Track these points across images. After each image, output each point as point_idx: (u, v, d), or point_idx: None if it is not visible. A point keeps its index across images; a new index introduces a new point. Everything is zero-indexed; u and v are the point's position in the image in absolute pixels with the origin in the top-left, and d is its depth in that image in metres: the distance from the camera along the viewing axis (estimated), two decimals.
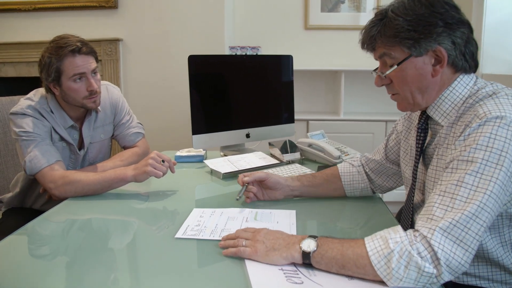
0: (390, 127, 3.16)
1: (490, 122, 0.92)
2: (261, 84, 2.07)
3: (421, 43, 1.00)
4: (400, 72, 1.05)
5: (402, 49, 1.02)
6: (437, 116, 1.08)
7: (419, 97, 1.07)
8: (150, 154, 1.46)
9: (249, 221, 1.22)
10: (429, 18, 0.99)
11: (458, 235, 0.85)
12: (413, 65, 1.03)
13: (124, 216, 1.33)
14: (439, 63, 1.02)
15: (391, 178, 1.40)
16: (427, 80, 1.04)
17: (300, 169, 1.75)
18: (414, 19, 1.00)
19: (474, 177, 0.88)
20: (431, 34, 1.00)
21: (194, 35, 3.17)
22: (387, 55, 1.05)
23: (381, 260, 0.85)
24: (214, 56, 2.15)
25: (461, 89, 1.05)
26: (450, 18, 1.00)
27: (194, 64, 1.80)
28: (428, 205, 0.92)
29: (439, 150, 1.06)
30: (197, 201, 1.48)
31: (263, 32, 3.48)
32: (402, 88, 1.07)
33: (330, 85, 3.55)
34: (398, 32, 1.01)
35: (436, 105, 1.07)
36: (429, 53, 1.02)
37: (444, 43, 1.01)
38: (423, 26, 0.99)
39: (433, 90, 1.06)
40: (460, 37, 1.01)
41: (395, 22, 1.01)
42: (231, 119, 1.98)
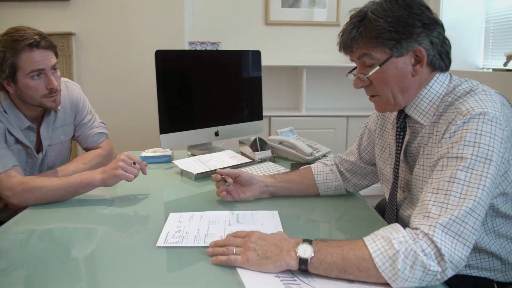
0: (352, 122, 3.25)
1: (474, 119, 0.93)
2: (230, 80, 2.00)
3: (402, 43, 1.01)
4: (382, 73, 1.05)
5: (383, 49, 1.03)
6: (416, 114, 1.08)
7: (400, 97, 1.07)
8: (119, 156, 1.36)
9: (232, 224, 1.16)
10: (408, 19, 1.01)
11: (457, 231, 0.85)
12: (394, 66, 1.04)
13: (91, 223, 1.23)
14: (419, 63, 1.04)
15: (366, 177, 1.40)
16: (408, 80, 1.05)
17: (273, 167, 1.71)
18: (394, 20, 1.00)
19: (465, 173, 0.89)
20: (411, 35, 1.01)
21: (152, 30, 3.06)
22: (368, 56, 1.05)
23: (386, 261, 0.82)
24: (183, 51, 2.06)
25: (438, 87, 1.06)
26: (426, 19, 1.02)
27: (161, 60, 1.71)
28: (422, 203, 0.91)
29: (425, 150, 1.07)
30: (169, 204, 1.41)
31: (223, 28, 3.40)
32: (383, 88, 1.07)
33: (292, 81, 3.53)
34: (380, 33, 1.01)
35: (414, 104, 1.08)
36: (409, 53, 1.03)
37: (423, 43, 1.02)
38: (403, 27, 1.00)
39: (412, 90, 1.07)
40: (437, 37, 1.04)
41: (376, 23, 1.01)
42: (200, 117, 1.90)
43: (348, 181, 1.41)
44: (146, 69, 3.08)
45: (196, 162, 1.70)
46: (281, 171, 1.67)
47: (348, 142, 3.29)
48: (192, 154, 1.93)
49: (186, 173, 1.64)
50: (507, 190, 1.01)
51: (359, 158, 1.37)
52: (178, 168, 1.68)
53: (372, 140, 1.34)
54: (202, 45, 3.17)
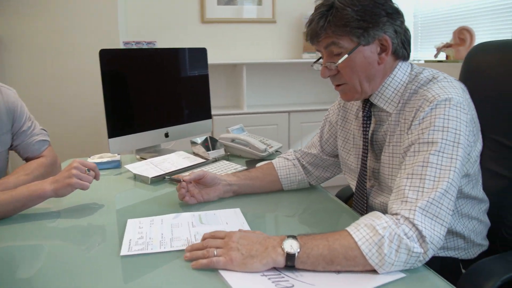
0: (293, 117, 3.29)
1: (440, 105, 0.97)
2: (177, 79, 1.94)
3: (369, 32, 1.03)
4: (350, 62, 1.06)
5: (351, 38, 1.04)
6: (382, 103, 1.11)
7: (366, 85, 1.09)
8: (71, 163, 1.26)
9: (196, 225, 1.12)
10: (374, 9, 1.03)
11: (434, 212, 0.88)
12: (362, 54, 1.06)
13: (40, 239, 1.11)
14: (384, 51, 1.07)
15: (329, 168, 1.42)
16: (374, 68, 1.08)
17: (229, 166, 1.69)
18: (361, 9, 1.02)
19: (437, 157, 0.92)
20: (377, 24, 1.03)
21: (85, 30, 2.90)
22: (335, 45, 1.06)
23: (372, 248, 0.83)
24: (128, 50, 1.97)
25: (402, 76, 1.10)
26: (390, 9, 1.05)
27: (106, 59, 1.61)
28: (398, 189, 0.93)
29: (392, 137, 1.09)
30: (125, 210, 1.32)
31: (158, 26, 3.30)
32: (351, 77, 1.08)
33: (231, 79, 3.51)
34: (348, 22, 1.02)
35: (379, 93, 1.11)
36: (375, 42, 1.05)
37: (388, 32, 1.05)
38: (370, 16, 1.03)
39: (378, 78, 1.09)
40: (399, 26, 1.07)
41: (344, 12, 1.02)
42: (149, 119, 1.83)
43: (311, 174, 1.41)
44: (82, 71, 2.92)
45: (149, 166, 1.63)
46: (237, 169, 1.65)
47: (290, 137, 3.33)
48: (141, 158, 1.85)
49: (140, 177, 1.56)
50: (470, 171, 1.07)
51: (321, 150, 1.38)
52: (130, 173, 1.60)
53: (333, 132, 1.35)
54: (137, 45, 3.05)
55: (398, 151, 1.07)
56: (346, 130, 1.29)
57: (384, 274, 0.84)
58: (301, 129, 3.35)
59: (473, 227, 1.14)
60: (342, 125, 1.30)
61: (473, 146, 1.06)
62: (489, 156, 1.29)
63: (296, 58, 3.60)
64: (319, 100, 3.70)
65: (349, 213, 1.25)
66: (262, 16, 3.48)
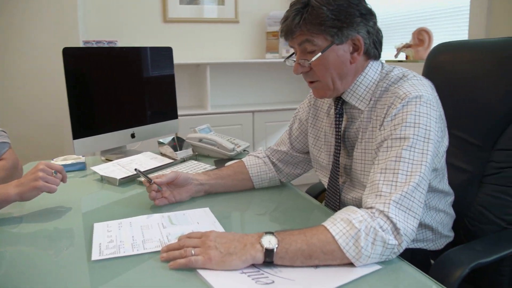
0: (257, 117, 3.30)
1: (412, 102, 1.00)
2: (143, 79, 1.91)
3: (343, 31, 1.05)
4: (323, 60, 1.08)
5: (325, 37, 1.05)
6: (354, 100, 1.13)
7: (338, 83, 1.11)
8: (37, 165, 1.22)
9: (167, 226, 1.11)
10: (348, 9, 1.05)
11: (407, 205, 0.91)
12: (335, 53, 1.07)
13: (4, 245, 1.05)
14: (356, 51, 1.09)
15: (299, 165, 1.43)
16: (346, 67, 1.10)
17: (198, 166, 1.67)
18: (336, 9, 1.04)
19: (409, 152, 0.95)
20: (351, 24, 1.05)
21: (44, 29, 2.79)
22: (309, 42, 1.07)
23: (349, 241, 0.85)
24: (93, 48, 1.91)
25: (373, 74, 1.13)
26: (364, 9, 1.08)
27: (70, 58, 1.56)
28: (372, 183, 0.96)
29: (365, 134, 1.12)
30: (92, 214, 1.28)
31: (119, 26, 3.22)
32: (324, 74, 1.10)
33: (194, 78, 3.48)
34: (324, 21, 1.03)
35: (352, 90, 1.13)
36: (348, 41, 1.07)
37: (361, 32, 1.07)
38: (344, 15, 1.04)
39: (350, 76, 1.12)
40: (372, 26, 1.10)
41: (320, 10, 1.03)
42: (115, 119, 1.79)
43: (281, 171, 1.42)
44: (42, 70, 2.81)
45: (116, 167, 1.59)
46: (207, 168, 1.64)
47: (255, 136, 3.34)
48: (107, 159, 1.80)
49: (108, 179, 1.53)
50: (438, 166, 1.11)
51: (291, 147, 1.40)
52: (96, 175, 1.56)
53: (303, 129, 1.37)
54: (98, 44, 2.97)
55: (370, 147, 1.10)
56: (317, 127, 1.31)
57: (361, 266, 0.86)
58: (266, 129, 3.36)
59: (441, 219, 1.19)
60: (313, 123, 1.32)
61: (441, 142, 1.10)
62: (451, 151, 1.34)
63: (259, 58, 3.62)
64: (283, 100, 3.73)
65: (321, 209, 1.27)
66: (225, 16, 3.47)
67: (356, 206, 1.02)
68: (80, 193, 1.46)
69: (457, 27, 2.38)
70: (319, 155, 1.30)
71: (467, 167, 1.33)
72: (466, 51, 1.42)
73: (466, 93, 1.36)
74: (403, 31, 2.80)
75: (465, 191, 1.31)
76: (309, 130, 1.33)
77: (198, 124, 2.02)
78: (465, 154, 1.34)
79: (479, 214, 1.26)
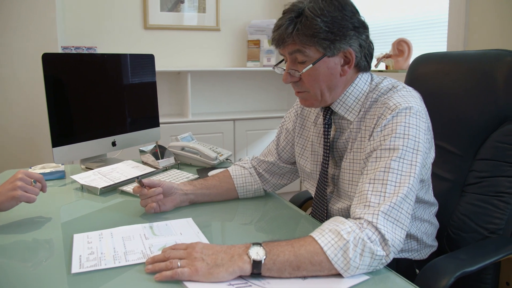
0: (239, 125, 3.30)
1: (401, 113, 1.00)
2: (124, 86, 1.88)
3: (336, 44, 1.04)
4: (313, 71, 1.07)
5: (317, 48, 1.05)
6: (343, 111, 1.13)
7: (327, 94, 1.11)
8: (16, 173, 1.18)
9: (149, 237, 1.09)
10: (342, 21, 1.04)
11: (395, 216, 0.91)
12: (326, 65, 1.07)
13: None
14: (347, 64, 1.09)
15: (285, 176, 1.43)
16: (336, 79, 1.09)
17: (180, 175, 1.66)
18: (330, 21, 1.03)
19: (398, 163, 0.96)
20: (344, 37, 1.04)
21: (20, 34, 2.72)
22: (301, 53, 1.06)
23: (337, 253, 0.85)
24: (73, 54, 1.87)
25: (362, 85, 1.13)
26: (357, 22, 1.07)
27: (49, 64, 1.53)
28: (361, 194, 0.96)
29: (353, 144, 1.11)
30: (71, 224, 1.24)
31: (98, 32, 3.18)
32: (313, 86, 1.09)
33: (175, 86, 3.46)
34: (317, 33, 1.02)
35: (341, 101, 1.13)
36: (340, 54, 1.07)
37: (353, 46, 1.07)
38: (338, 28, 1.03)
39: (339, 88, 1.11)
40: (365, 40, 1.09)
41: (314, 22, 1.02)
42: (96, 127, 1.76)
43: (267, 181, 1.42)
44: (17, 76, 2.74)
45: (97, 176, 1.56)
46: (189, 177, 1.62)
47: (236, 145, 3.34)
48: (87, 167, 1.77)
49: (89, 188, 1.49)
50: (424, 177, 1.13)
51: (278, 158, 1.39)
52: (76, 184, 1.53)
53: (290, 139, 1.36)
54: (77, 50, 2.94)
55: (358, 157, 1.10)
56: (304, 137, 1.30)
57: (349, 277, 0.86)
58: (247, 137, 3.36)
59: (425, 229, 1.20)
60: (300, 133, 1.32)
61: (428, 153, 1.11)
62: (434, 161, 1.37)
63: (240, 66, 3.62)
64: (264, 108, 3.74)
65: (307, 219, 1.26)
66: (206, 24, 3.47)
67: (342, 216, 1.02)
68: (60, 202, 1.42)
69: (436, 38, 2.43)
70: (306, 165, 1.30)
71: (449, 176, 1.35)
72: (446, 63, 1.45)
73: (447, 104, 1.38)
74: (383, 41, 2.84)
75: (447, 200, 1.33)
76: (296, 139, 1.33)
77: (178, 132, 2.00)
78: (447, 164, 1.36)
79: (461, 223, 1.28)
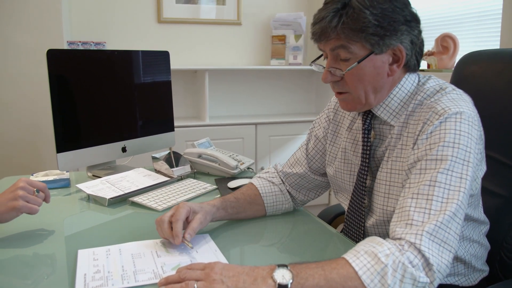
0: (261, 130, 3.30)
1: (451, 118, 0.98)
2: (136, 86, 1.91)
3: (385, 40, 1.02)
4: (358, 70, 1.05)
5: (364, 45, 1.03)
6: (386, 115, 1.11)
7: (372, 96, 1.09)
8: (17, 182, 1.20)
9: (161, 255, 1.09)
10: (393, 14, 1.02)
11: (442, 237, 0.89)
12: (372, 63, 1.05)
13: None
14: (396, 62, 1.07)
15: (312, 190, 1.42)
16: (383, 80, 1.08)
17: (197, 185, 1.66)
18: (380, 13, 1.01)
19: (446, 175, 0.94)
20: (395, 32, 1.02)
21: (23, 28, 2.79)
22: (345, 49, 1.04)
23: (374, 278, 0.83)
24: (81, 51, 1.92)
25: (409, 87, 1.11)
26: (409, 15, 1.05)
27: (55, 62, 1.56)
28: (402, 210, 0.94)
29: (392, 152, 1.10)
30: (76, 238, 1.26)
31: (107, 26, 3.24)
32: (356, 86, 1.08)
33: (191, 86, 3.49)
34: (366, 27, 1.00)
35: (384, 104, 1.11)
36: (389, 51, 1.05)
37: (405, 42, 1.05)
38: (388, 22, 1.01)
39: (385, 90, 1.10)
40: (417, 36, 1.07)
41: (363, 14, 1.00)
42: (104, 131, 1.79)
43: (294, 199, 1.41)
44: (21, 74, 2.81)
45: (105, 185, 1.58)
46: (207, 188, 1.63)
47: (258, 152, 3.34)
48: (94, 175, 1.79)
49: (96, 198, 1.51)
50: (474, 192, 1.10)
51: (309, 169, 1.37)
52: (82, 193, 1.55)
53: (321, 147, 1.35)
54: (84, 45, 2.99)
55: (397, 167, 1.08)
56: (337, 145, 1.29)
57: None
58: (270, 143, 3.36)
59: (474, 251, 1.17)
60: (333, 140, 1.31)
61: (479, 165, 1.08)
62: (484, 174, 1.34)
63: (263, 64, 3.63)
64: (289, 111, 3.73)
65: (338, 238, 1.25)
66: (226, 17, 3.49)
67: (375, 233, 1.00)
68: (64, 214, 1.44)
69: (487, 34, 2.38)
70: (338, 175, 1.28)
71: (501, 191, 1.32)
72: (499, 61, 1.42)
73: (499, 108, 1.35)
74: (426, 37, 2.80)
75: (499, 219, 1.29)
76: (328, 148, 1.32)
77: (194, 137, 2.01)
78: (499, 177, 1.33)
79: None
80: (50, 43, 2.77)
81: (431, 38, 2.61)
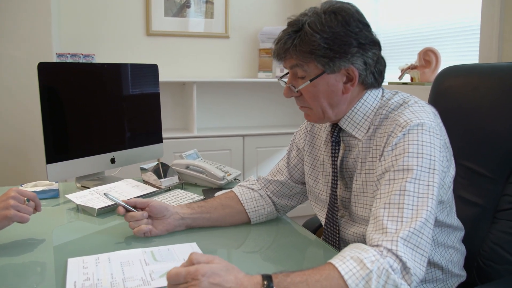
0: (248, 142, 3.34)
1: (413, 130, 1.04)
2: (125, 98, 1.95)
3: (335, 61, 1.10)
4: (312, 88, 1.13)
5: (316, 65, 1.10)
6: (351, 128, 1.18)
7: (330, 111, 1.16)
8: (8, 191, 1.23)
9: (150, 263, 1.12)
10: (345, 38, 1.09)
11: (415, 242, 0.94)
12: (325, 82, 1.12)
13: None
14: (350, 81, 1.14)
15: (295, 197, 1.46)
16: (338, 97, 1.15)
17: (184, 195, 1.70)
18: (330, 37, 1.08)
19: (414, 184, 0.99)
20: (346, 54, 1.10)
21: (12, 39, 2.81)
22: (300, 67, 1.13)
23: (359, 282, 0.87)
24: (70, 64, 1.96)
25: (372, 101, 1.18)
26: (363, 38, 1.12)
27: (46, 74, 1.60)
28: (376, 219, 0.99)
29: (364, 164, 1.15)
30: (66, 247, 1.28)
31: (96, 38, 3.27)
32: (313, 102, 1.16)
33: (179, 98, 3.52)
34: (315, 49, 1.08)
35: (348, 118, 1.18)
36: (341, 71, 1.12)
37: (356, 64, 1.12)
38: (339, 45, 1.09)
39: (343, 105, 1.17)
40: (371, 57, 1.14)
41: (312, 38, 1.08)
42: (94, 142, 1.82)
43: (275, 205, 1.44)
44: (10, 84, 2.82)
45: (94, 195, 1.61)
46: (194, 198, 1.66)
47: (245, 163, 3.37)
48: (83, 186, 1.82)
49: (85, 208, 1.54)
50: (444, 198, 1.16)
51: (289, 177, 1.42)
52: (71, 203, 1.58)
53: (301, 157, 1.40)
54: (73, 58, 3.02)
55: (371, 178, 1.13)
56: (314, 156, 1.34)
57: None
58: (257, 155, 3.40)
59: (450, 256, 1.22)
60: (309, 151, 1.36)
61: (446, 172, 1.14)
62: (460, 183, 1.39)
63: (251, 77, 3.68)
64: (276, 123, 3.78)
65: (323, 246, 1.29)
66: (214, 31, 3.55)
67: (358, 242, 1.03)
68: (53, 224, 1.47)
69: (467, 48, 2.46)
70: (316, 186, 1.33)
71: (478, 200, 1.36)
72: (476, 75, 1.47)
73: (476, 120, 1.40)
74: (408, 51, 2.88)
75: (476, 227, 1.34)
76: (306, 158, 1.37)
77: (182, 149, 2.05)
78: (475, 187, 1.38)
79: (493, 253, 1.30)
80: (39, 54, 2.79)
81: (414, 52, 2.68)
